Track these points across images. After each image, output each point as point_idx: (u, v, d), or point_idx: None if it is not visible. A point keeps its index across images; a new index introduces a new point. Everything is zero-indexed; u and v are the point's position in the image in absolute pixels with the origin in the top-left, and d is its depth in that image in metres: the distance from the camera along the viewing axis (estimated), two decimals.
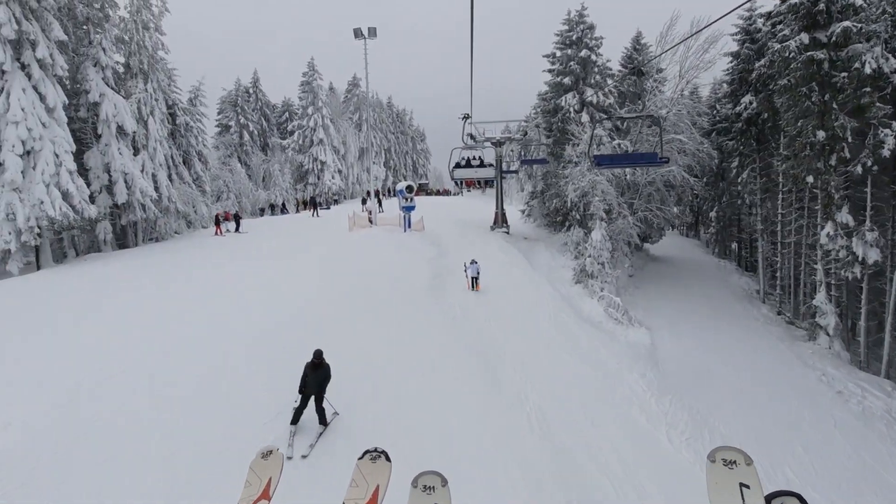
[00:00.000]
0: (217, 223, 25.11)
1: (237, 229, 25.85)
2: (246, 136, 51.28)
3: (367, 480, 2.66)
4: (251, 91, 54.57)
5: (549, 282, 20.18)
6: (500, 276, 18.91)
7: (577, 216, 25.02)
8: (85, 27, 22.42)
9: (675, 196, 26.05)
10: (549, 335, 13.19)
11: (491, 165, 24.70)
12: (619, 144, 22.34)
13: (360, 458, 2.84)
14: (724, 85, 26.70)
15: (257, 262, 18.57)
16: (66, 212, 17.49)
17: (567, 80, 25.05)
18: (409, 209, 23.53)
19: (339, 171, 50.69)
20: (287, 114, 55.30)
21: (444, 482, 2.56)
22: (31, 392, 8.81)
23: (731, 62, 23.57)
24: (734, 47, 23.25)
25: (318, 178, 48.83)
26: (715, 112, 27.28)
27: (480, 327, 13.12)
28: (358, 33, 23.86)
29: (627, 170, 22.23)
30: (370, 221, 24.35)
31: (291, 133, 50.89)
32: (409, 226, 23.58)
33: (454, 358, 10.83)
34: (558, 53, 26.42)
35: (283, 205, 42.63)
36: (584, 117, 24.57)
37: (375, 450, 2.88)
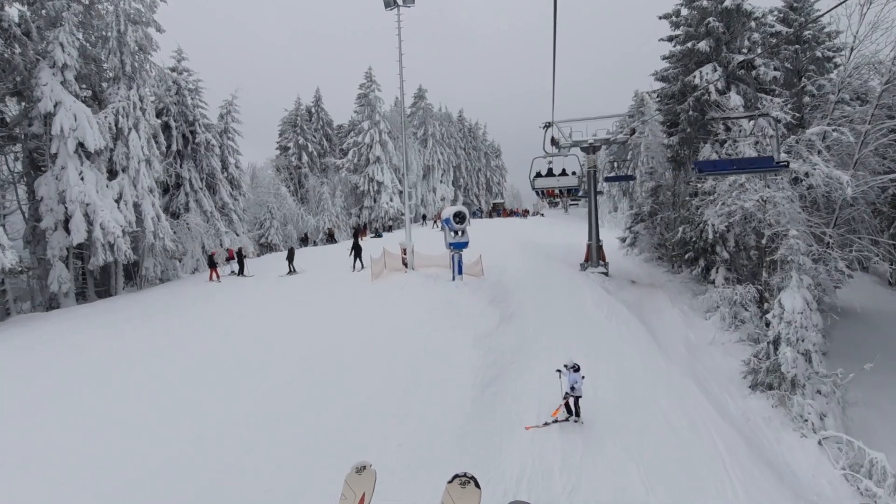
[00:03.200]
0: (211, 265, 19.06)
1: (241, 272, 19.75)
2: (304, 158, 46.91)
3: None
4: (313, 111, 50.55)
5: (695, 379, 11.47)
6: (605, 368, 10.76)
7: (726, 254, 16.01)
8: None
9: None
10: None
11: (574, 173, 17.55)
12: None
13: (450, 482, 2.64)
14: None
15: (207, 347, 11.77)
16: None
17: (703, 46, 16.26)
18: (459, 247, 15.80)
19: (399, 193, 44.43)
20: (352, 132, 50.40)
21: None
22: None
23: None
24: None
25: (375, 201, 42.97)
26: None
27: None
28: (389, 2, 17.00)
29: (820, 183, 13.27)
30: (405, 265, 16.96)
31: (346, 152, 45.68)
32: (460, 272, 15.87)
33: None
34: (684, 11, 17.78)
35: (330, 232, 36.82)
36: (734, 99, 15.61)
37: (465, 474, 2.68)
